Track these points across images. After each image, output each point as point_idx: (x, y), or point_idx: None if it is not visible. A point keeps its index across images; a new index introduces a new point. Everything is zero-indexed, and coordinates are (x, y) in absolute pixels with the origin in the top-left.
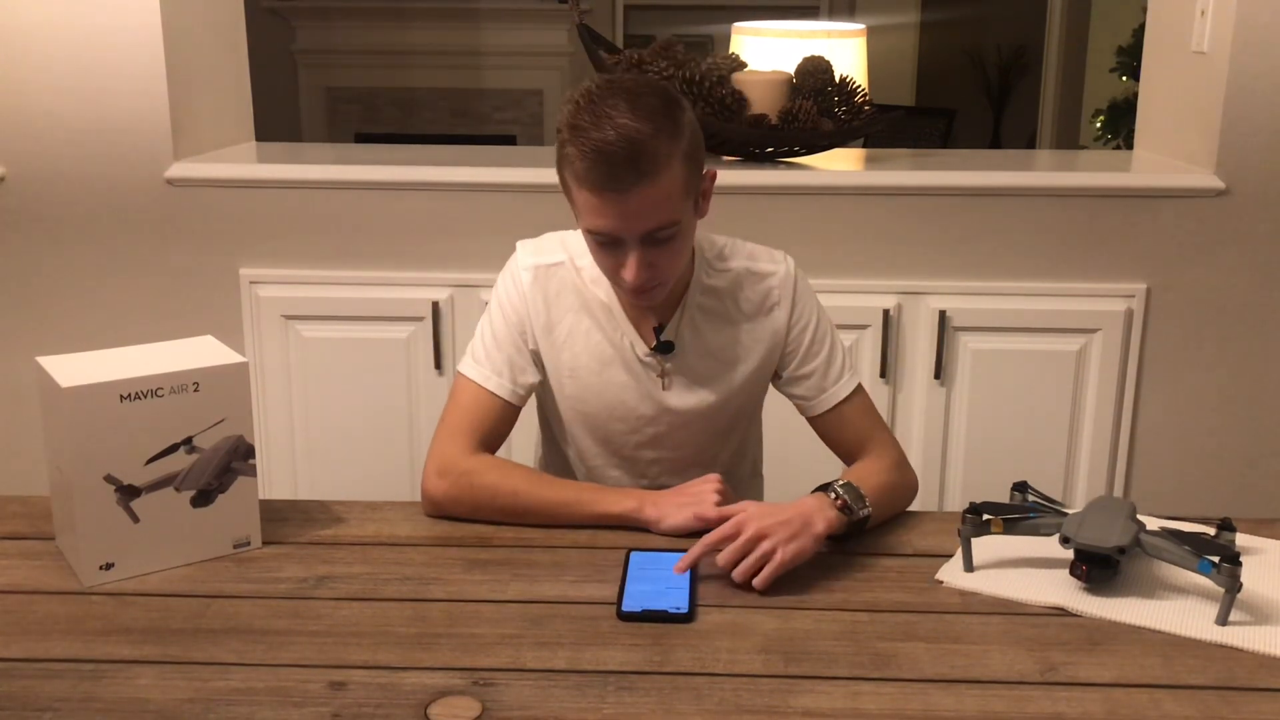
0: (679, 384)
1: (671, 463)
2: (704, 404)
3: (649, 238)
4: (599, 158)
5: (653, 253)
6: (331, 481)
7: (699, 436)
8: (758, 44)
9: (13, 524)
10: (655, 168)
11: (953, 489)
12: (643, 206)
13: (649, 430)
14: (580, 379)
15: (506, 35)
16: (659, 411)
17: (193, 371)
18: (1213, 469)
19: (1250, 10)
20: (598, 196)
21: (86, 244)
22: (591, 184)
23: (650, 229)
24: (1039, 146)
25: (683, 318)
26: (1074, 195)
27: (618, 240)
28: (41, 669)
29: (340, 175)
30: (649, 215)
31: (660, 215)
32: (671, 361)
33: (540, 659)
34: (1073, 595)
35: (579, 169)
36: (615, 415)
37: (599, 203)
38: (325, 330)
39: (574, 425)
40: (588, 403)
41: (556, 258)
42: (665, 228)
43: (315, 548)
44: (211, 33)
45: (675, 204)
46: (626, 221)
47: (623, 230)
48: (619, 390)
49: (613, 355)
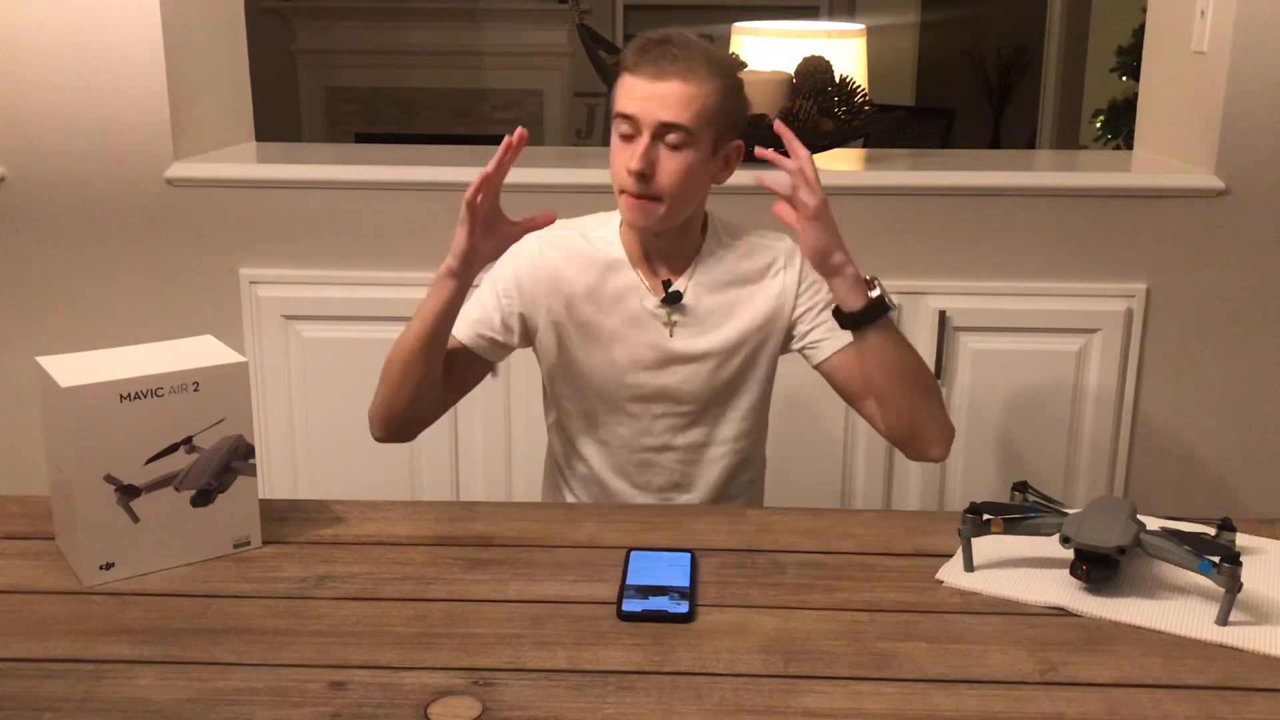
0: (684, 333)
1: (676, 421)
2: (707, 352)
3: (662, 134)
4: (654, 48)
5: (660, 154)
6: (331, 481)
7: (702, 390)
8: (758, 44)
9: (13, 524)
10: (693, 73)
11: (953, 489)
12: (668, 96)
13: (654, 381)
14: (588, 330)
15: (506, 35)
16: (664, 358)
17: (193, 371)
18: (1213, 469)
19: (1250, 10)
20: (635, 76)
21: (86, 244)
22: (635, 65)
23: (667, 120)
24: (1039, 146)
25: (694, 275)
26: (1074, 195)
27: (635, 131)
28: (41, 669)
29: (340, 175)
30: (670, 108)
31: (679, 113)
32: (679, 313)
33: (540, 659)
34: (1073, 595)
35: (631, 59)
36: (622, 363)
37: (634, 82)
38: (325, 330)
39: (581, 381)
40: (595, 354)
41: (565, 232)
42: (680, 129)
43: (315, 548)
44: (211, 33)
45: (697, 116)
46: (648, 105)
47: (643, 112)
48: (626, 337)
49: (621, 305)
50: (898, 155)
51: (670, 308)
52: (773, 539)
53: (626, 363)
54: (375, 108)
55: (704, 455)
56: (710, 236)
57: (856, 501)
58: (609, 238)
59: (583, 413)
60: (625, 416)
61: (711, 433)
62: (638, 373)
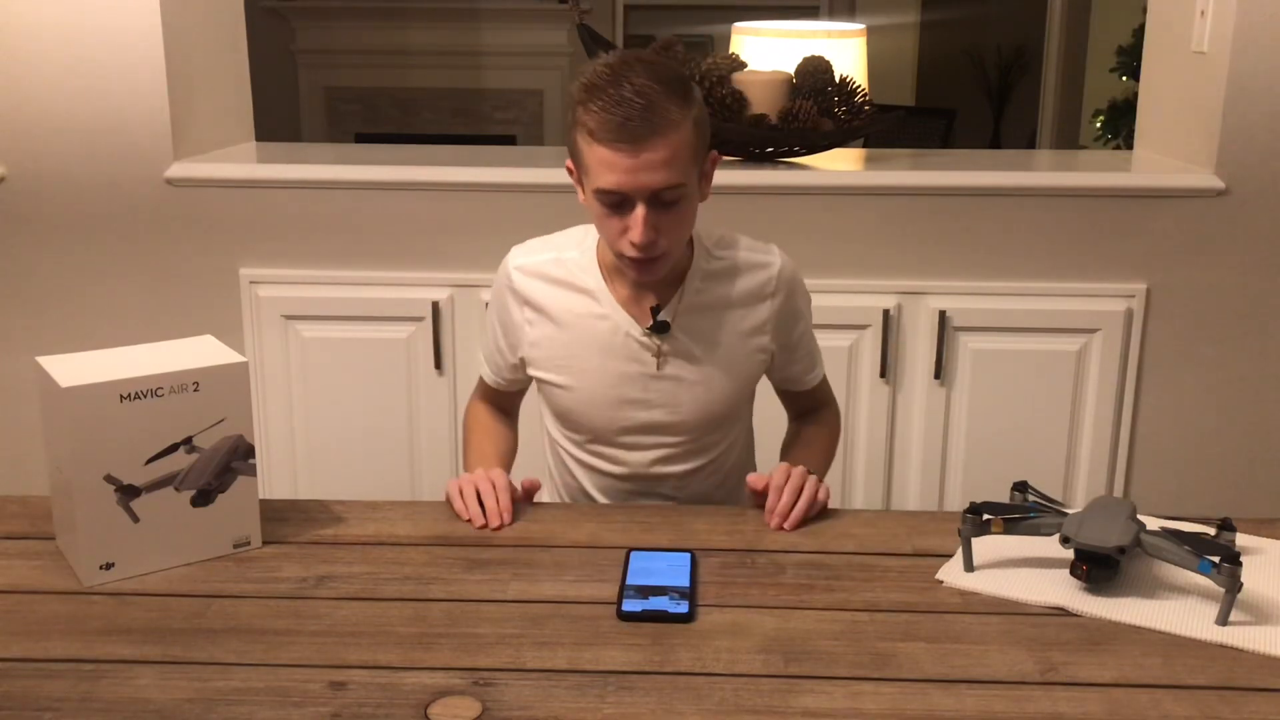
0: (673, 365)
1: (668, 453)
2: (698, 384)
3: (656, 199)
4: (616, 111)
5: (658, 216)
6: (331, 481)
7: (694, 422)
8: (758, 44)
9: (13, 524)
10: (668, 124)
11: (953, 489)
12: (654, 161)
13: (643, 415)
14: (575, 364)
15: (506, 35)
16: (653, 392)
17: (193, 371)
18: (1213, 469)
19: (1250, 10)
20: (611, 150)
21: (86, 244)
22: (606, 138)
23: (659, 186)
24: (1039, 146)
25: (681, 300)
26: (1074, 195)
27: (626, 201)
28: (41, 669)
29: (340, 175)
30: (659, 172)
31: (669, 174)
32: (668, 342)
33: (540, 659)
34: (1073, 595)
35: (594, 125)
36: (611, 398)
37: (612, 157)
38: (325, 330)
39: (573, 416)
40: (584, 388)
41: (545, 255)
42: (673, 188)
43: (315, 548)
44: (211, 33)
45: (684, 166)
46: (637, 177)
47: (633, 186)
48: (615, 371)
49: (608, 337)
50: (898, 155)
51: (658, 337)
52: (773, 539)
53: (614, 395)
54: (375, 108)
55: (696, 478)
56: (697, 254)
57: (856, 501)
58: (584, 263)
59: (576, 441)
60: (617, 449)
61: (705, 459)
62: (625, 406)
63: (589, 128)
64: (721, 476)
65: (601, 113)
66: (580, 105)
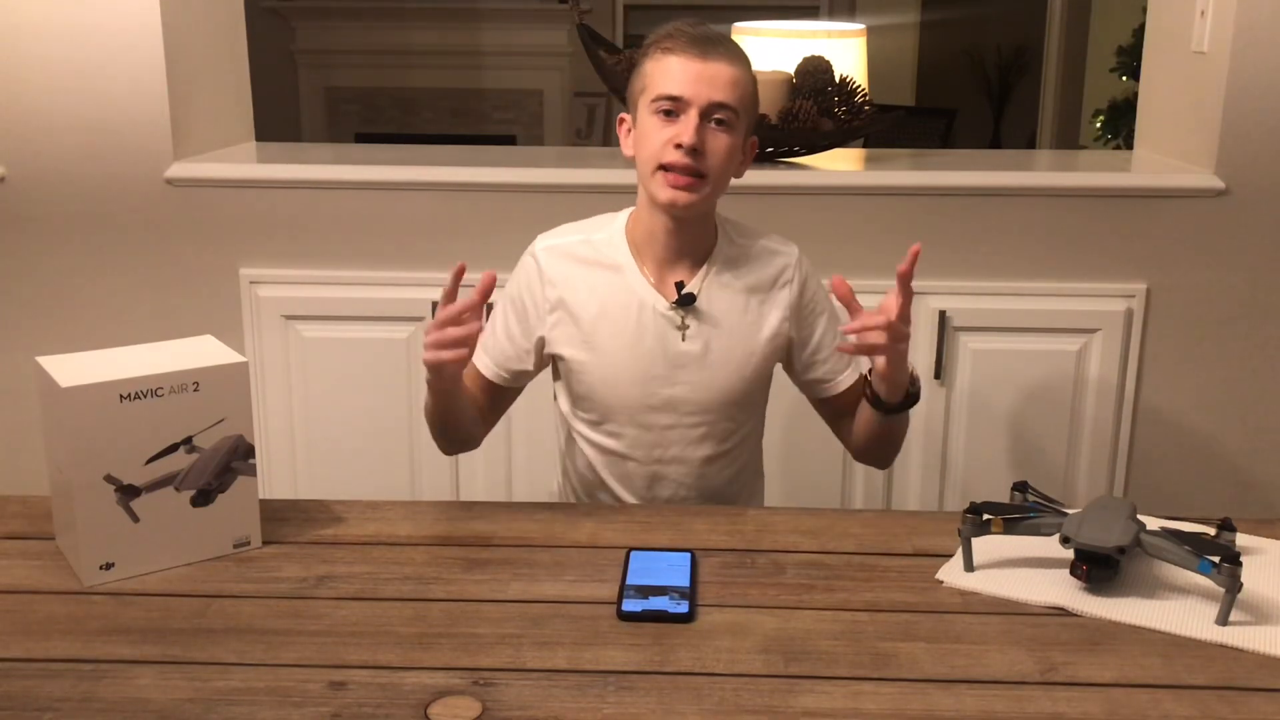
0: (696, 340)
1: (686, 432)
2: (718, 361)
3: (708, 114)
4: (693, 30)
5: (706, 134)
6: (331, 481)
7: (712, 400)
8: (758, 44)
9: (13, 524)
10: (736, 56)
11: (953, 489)
12: (717, 75)
13: (665, 391)
14: (599, 339)
15: (506, 35)
16: (676, 365)
17: (193, 371)
18: (1213, 469)
19: (1250, 10)
20: (681, 57)
21: (87, 244)
22: (678, 48)
23: (717, 99)
24: (1039, 146)
25: (707, 275)
26: (1074, 195)
27: (681, 109)
28: (41, 669)
29: (340, 175)
30: (719, 88)
31: (728, 93)
32: (692, 316)
33: (540, 659)
34: (1073, 595)
35: (669, 43)
36: (635, 373)
37: (681, 63)
38: (325, 330)
39: (594, 394)
40: (607, 364)
41: (572, 237)
42: (728, 108)
43: (315, 548)
44: (211, 33)
45: (740, 99)
46: (698, 86)
47: (693, 93)
48: (639, 345)
49: (635, 312)
50: (898, 155)
51: (683, 310)
52: (773, 539)
53: (637, 370)
54: (375, 108)
55: (710, 468)
56: (721, 236)
57: (856, 501)
58: (613, 241)
59: (591, 423)
60: (637, 429)
61: (720, 447)
62: (649, 381)
63: (663, 46)
64: (734, 471)
65: (678, 34)
66: (654, 43)
